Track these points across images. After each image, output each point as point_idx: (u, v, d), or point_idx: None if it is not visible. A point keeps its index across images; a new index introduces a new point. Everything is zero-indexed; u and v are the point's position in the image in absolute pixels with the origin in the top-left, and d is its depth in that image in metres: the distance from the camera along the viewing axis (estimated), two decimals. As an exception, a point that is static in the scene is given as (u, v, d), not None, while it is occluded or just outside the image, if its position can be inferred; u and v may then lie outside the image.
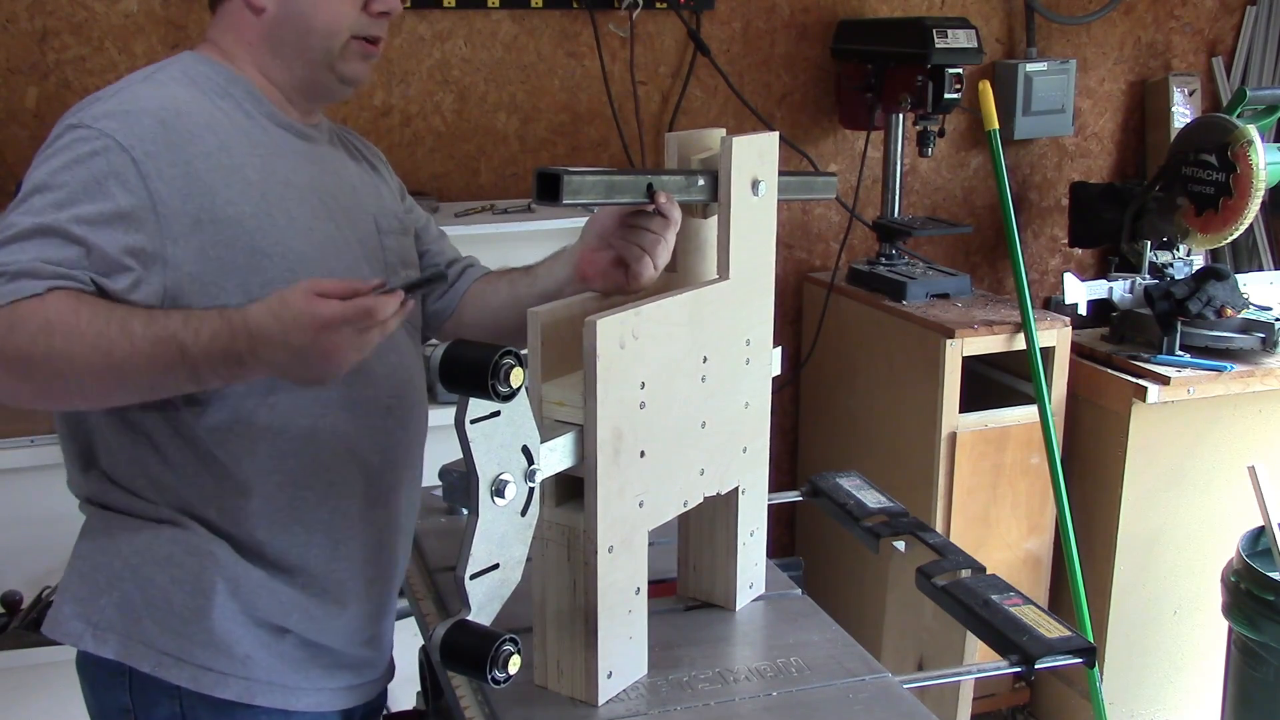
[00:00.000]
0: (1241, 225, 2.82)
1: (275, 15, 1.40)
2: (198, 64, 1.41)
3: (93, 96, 1.35)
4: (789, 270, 3.31)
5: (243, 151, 1.35)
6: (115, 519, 1.37)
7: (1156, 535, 2.90)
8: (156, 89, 1.35)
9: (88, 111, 1.31)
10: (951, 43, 2.85)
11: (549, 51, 2.99)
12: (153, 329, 1.19)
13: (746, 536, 1.53)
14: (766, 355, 1.50)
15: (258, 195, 1.34)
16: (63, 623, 1.36)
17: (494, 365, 1.07)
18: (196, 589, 1.34)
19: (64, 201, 1.23)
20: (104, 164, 1.26)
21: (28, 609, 2.40)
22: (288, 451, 1.37)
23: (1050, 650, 1.40)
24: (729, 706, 1.34)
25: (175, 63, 1.41)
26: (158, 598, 1.34)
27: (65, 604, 1.37)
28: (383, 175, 1.61)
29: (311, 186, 1.42)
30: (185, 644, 1.34)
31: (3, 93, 2.63)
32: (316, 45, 1.41)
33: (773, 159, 1.43)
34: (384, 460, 1.46)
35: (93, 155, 1.26)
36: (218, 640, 1.35)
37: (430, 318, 1.67)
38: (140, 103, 1.32)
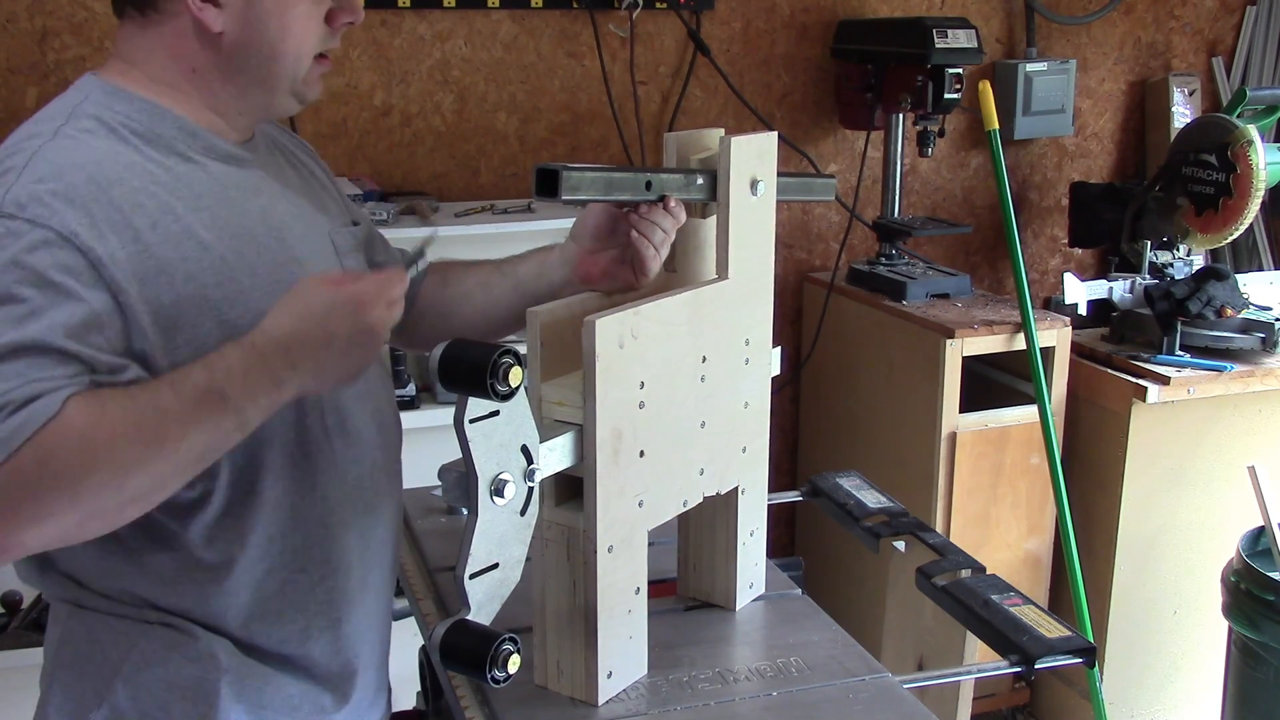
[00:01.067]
0: (1241, 225, 2.83)
1: (236, 41, 1.23)
2: (111, 100, 1.21)
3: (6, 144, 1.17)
4: (789, 270, 3.31)
5: (187, 209, 1.19)
6: (95, 620, 1.25)
7: (1156, 535, 2.90)
8: (72, 150, 1.16)
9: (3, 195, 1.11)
10: (951, 43, 2.85)
11: (549, 51, 2.99)
12: (184, 393, 1.07)
13: (746, 536, 1.53)
14: (766, 355, 1.50)
15: (216, 260, 1.19)
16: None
17: (493, 365, 1.07)
18: (198, 697, 1.24)
19: (33, 312, 1.06)
20: (50, 260, 1.08)
21: (28, 609, 2.40)
22: (276, 535, 1.27)
23: (1050, 650, 1.39)
24: (729, 706, 1.34)
25: (81, 103, 1.21)
26: (154, 709, 1.23)
27: (49, 718, 1.26)
28: (320, 179, 1.47)
29: (265, 225, 1.26)
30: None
31: (3, 93, 2.63)
32: (283, 71, 1.26)
33: (772, 159, 1.43)
34: (369, 497, 1.37)
35: (33, 250, 1.08)
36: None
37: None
38: (62, 176, 1.13)
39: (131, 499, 1.07)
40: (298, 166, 1.44)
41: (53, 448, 1.01)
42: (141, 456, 1.05)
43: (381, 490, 1.38)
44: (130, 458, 1.05)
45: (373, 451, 1.36)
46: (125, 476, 1.05)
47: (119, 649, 1.24)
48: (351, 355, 1.13)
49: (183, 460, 1.08)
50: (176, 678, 1.24)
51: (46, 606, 2.36)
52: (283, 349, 1.10)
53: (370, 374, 1.36)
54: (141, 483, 1.06)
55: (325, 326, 1.11)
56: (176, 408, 1.07)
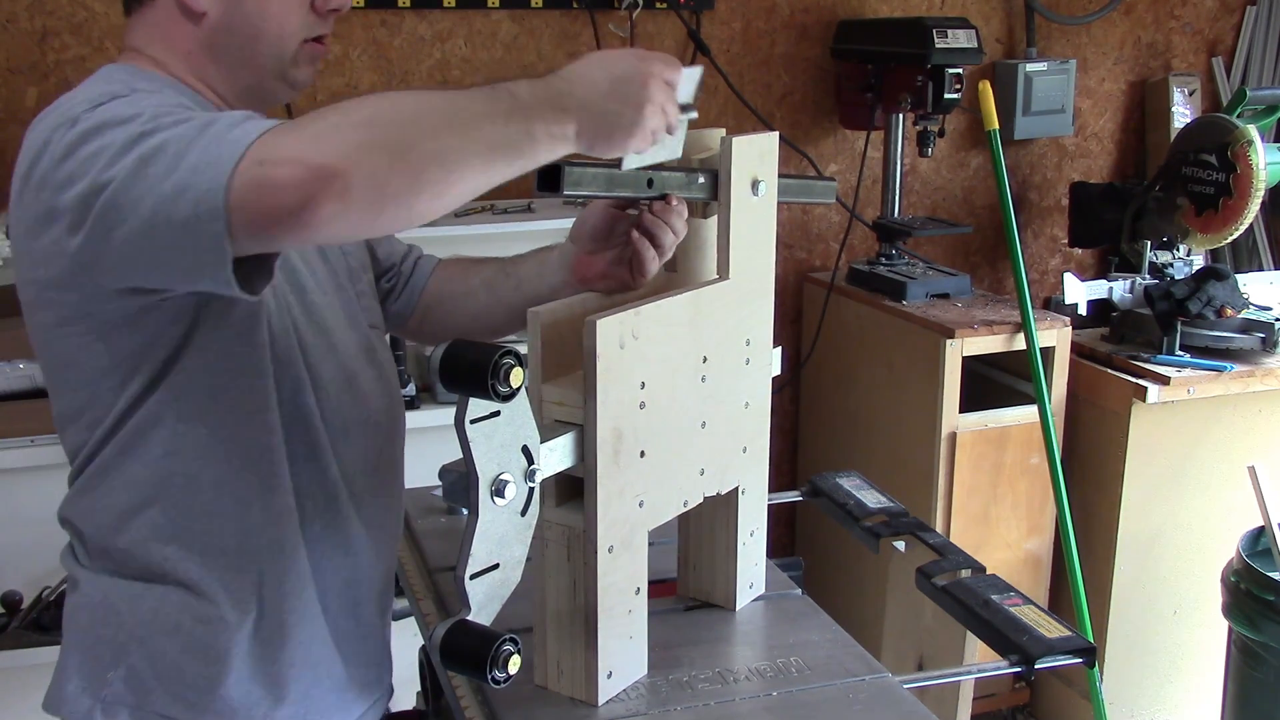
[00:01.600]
0: (1241, 225, 2.83)
1: (217, 22, 1.26)
2: (133, 75, 1.25)
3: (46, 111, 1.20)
4: (789, 270, 3.31)
5: None
6: (111, 584, 1.30)
7: (1156, 535, 2.90)
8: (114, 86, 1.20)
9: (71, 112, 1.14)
10: (951, 43, 2.85)
11: (549, 51, 2.99)
12: (472, 91, 1.10)
13: (746, 536, 1.53)
14: (766, 355, 1.50)
15: None
16: (68, 700, 1.30)
17: (494, 365, 1.07)
18: (210, 657, 1.28)
19: (164, 109, 1.10)
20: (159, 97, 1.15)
21: (28, 609, 2.40)
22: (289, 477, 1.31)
23: (1050, 650, 1.39)
24: (729, 706, 1.34)
25: (108, 75, 1.25)
26: (168, 669, 1.28)
27: (69, 680, 1.30)
28: None
29: None
30: (201, 712, 1.29)
31: (3, 93, 2.63)
32: (266, 52, 1.28)
33: (773, 159, 1.43)
34: (377, 481, 1.42)
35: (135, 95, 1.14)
36: (235, 705, 1.30)
37: (390, 319, 1.60)
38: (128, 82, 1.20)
39: (434, 151, 1.05)
40: None
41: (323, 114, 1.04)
42: (436, 106, 1.07)
43: (384, 444, 1.43)
44: (424, 104, 1.06)
45: (375, 412, 1.40)
46: (424, 120, 1.05)
47: (134, 612, 1.28)
48: (627, 106, 1.15)
49: (474, 142, 1.07)
50: (189, 639, 1.28)
51: (47, 606, 2.38)
52: (566, 79, 1.14)
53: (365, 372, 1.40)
54: (441, 135, 1.05)
55: (606, 67, 1.15)
56: (465, 94, 1.09)
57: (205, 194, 1.01)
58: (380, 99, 1.07)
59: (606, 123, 1.15)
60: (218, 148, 1.02)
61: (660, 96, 1.18)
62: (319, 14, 1.31)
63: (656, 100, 1.18)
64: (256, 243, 1.05)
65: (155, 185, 1.04)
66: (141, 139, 1.06)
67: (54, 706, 1.32)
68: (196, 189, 1.02)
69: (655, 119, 1.18)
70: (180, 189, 1.03)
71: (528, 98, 1.11)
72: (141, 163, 1.05)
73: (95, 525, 1.30)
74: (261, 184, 1.00)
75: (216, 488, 1.27)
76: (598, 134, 1.16)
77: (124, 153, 1.06)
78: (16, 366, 2.36)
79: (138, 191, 1.05)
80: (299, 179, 0.99)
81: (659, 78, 1.18)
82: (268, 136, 1.02)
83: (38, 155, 1.15)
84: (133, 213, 1.05)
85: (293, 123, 1.05)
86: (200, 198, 1.02)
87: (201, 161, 1.02)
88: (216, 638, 1.28)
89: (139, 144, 1.06)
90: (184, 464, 1.26)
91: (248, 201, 1.01)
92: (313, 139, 1.02)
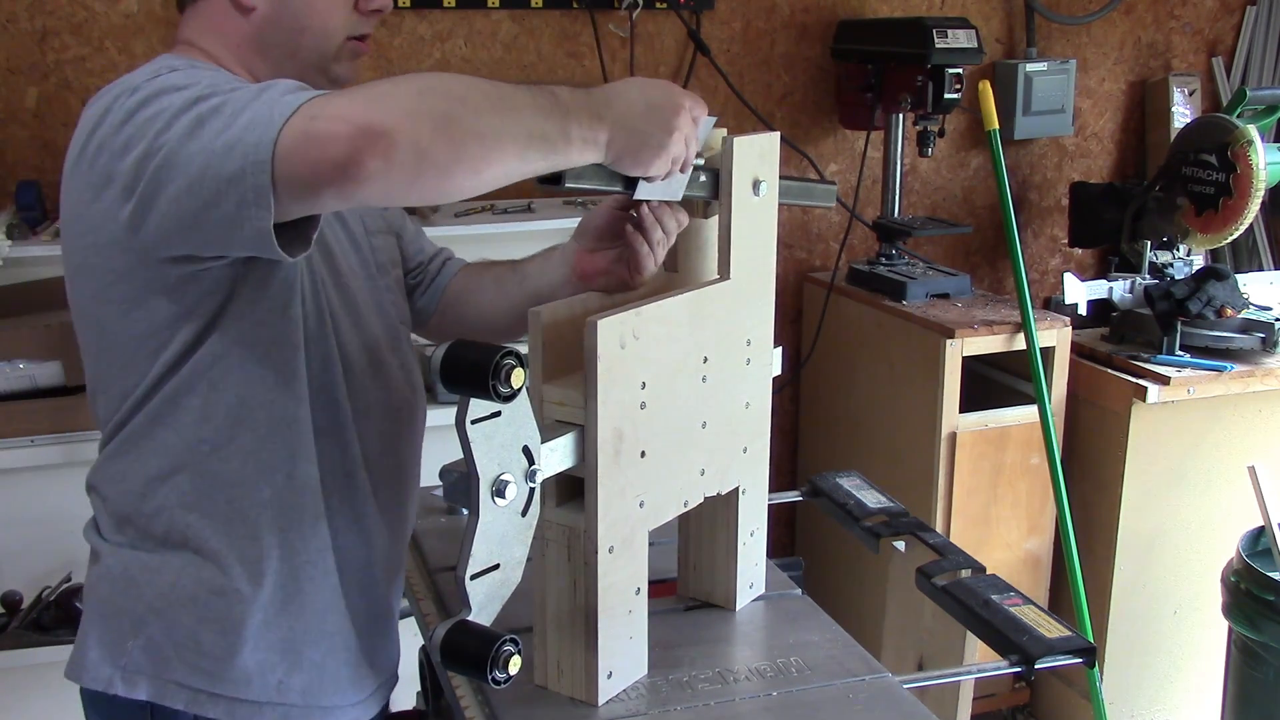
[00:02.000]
0: (1241, 225, 2.83)
1: (265, 15, 1.32)
2: (189, 67, 1.29)
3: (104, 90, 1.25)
4: (789, 270, 3.31)
5: None
6: (131, 556, 1.34)
7: (1156, 535, 2.90)
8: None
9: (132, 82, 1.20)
10: (951, 43, 2.85)
11: (549, 51, 2.99)
12: (518, 86, 1.16)
13: (747, 536, 1.53)
14: (767, 355, 1.50)
15: None
16: (89, 668, 1.33)
17: (495, 366, 1.07)
18: (225, 628, 1.32)
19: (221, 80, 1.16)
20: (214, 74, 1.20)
21: (28, 609, 2.40)
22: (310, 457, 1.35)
23: (1050, 650, 1.40)
24: (729, 706, 1.34)
25: (163, 62, 1.30)
26: (185, 639, 1.32)
27: (90, 649, 1.34)
28: None
29: None
30: (217, 680, 1.32)
31: (3, 93, 2.63)
32: (310, 47, 1.34)
33: (774, 159, 1.43)
34: (393, 463, 1.46)
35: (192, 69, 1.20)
36: (251, 674, 1.33)
37: (414, 317, 1.65)
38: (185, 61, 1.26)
39: (474, 129, 1.10)
40: None
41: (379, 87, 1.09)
42: (481, 89, 1.12)
43: (404, 430, 1.48)
44: (469, 86, 1.11)
45: (395, 399, 1.45)
46: (468, 99, 1.10)
47: (152, 585, 1.32)
48: (654, 129, 1.23)
49: (515, 127, 1.12)
50: (205, 610, 1.31)
51: (47, 606, 2.38)
52: (604, 95, 1.22)
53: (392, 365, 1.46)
54: (483, 114, 1.10)
55: (642, 91, 1.24)
56: (510, 85, 1.15)
57: (254, 147, 1.06)
58: (432, 75, 1.13)
59: (637, 139, 1.23)
60: (270, 108, 1.07)
61: (687, 128, 1.27)
62: (362, 13, 1.36)
63: (683, 130, 1.26)
64: (299, 199, 1.09)
65: (208, 143, 1.09)
66: (198, 102, 1.12)
67: (75, 674, 1.35)
68: (246, 143, 1.07)
69: (679, 146, 1.26)
70: (231, 144, 1.07)
71: (569, 101, 1.18)
72: (197, 123, 1.10)
73: (121, 491, 1.34)
74: (310, 136, 1.05)
75: (244, 456, 1.31)
76: (627, 147, 1.23)
77: (180, 114, 1.11)
78: (16, 366, 2.36)
79: (191, 149, 1.10)
80: (347, 134, 1.04)
81: (689, 112, 1.27)
82: (320, 98, 1.08)
83: (97, 124, 1.20)
84: (183, 171, 1.10)
85: (346, 90, 1.11)
86: (248, 151, 1.06)
87: (255, 119, 1.07)
88: (231, 609, 1.32)
89: (195, 106, 1.11)
90: (213, 431, 1.30)
91: (294, 153, 1.05)
92: (365, 101, 1.07)
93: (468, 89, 1.11)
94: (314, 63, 1.35)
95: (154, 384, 1.29)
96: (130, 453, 1.33)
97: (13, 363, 2.36)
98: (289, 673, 1.36)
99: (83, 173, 1.21)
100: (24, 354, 2.37)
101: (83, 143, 1.22)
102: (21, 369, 2.37)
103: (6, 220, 2.44)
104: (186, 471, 1.31)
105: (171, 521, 1.32)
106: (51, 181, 2.65)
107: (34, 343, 2.36)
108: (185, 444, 1.30)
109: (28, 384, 2.37)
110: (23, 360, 2.37)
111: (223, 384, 1.29)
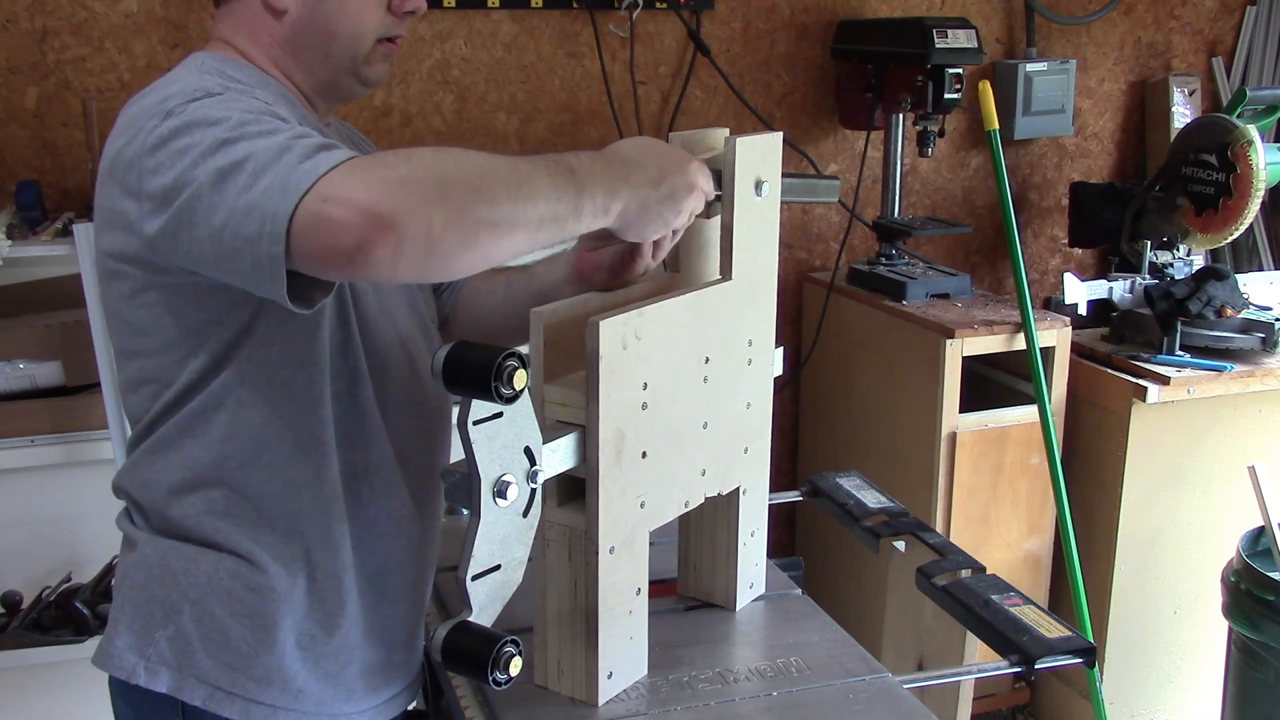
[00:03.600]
0: (1241, 225, 2.83)
1: (298, 18, 1.33)
2: (224, 66, 1.31)
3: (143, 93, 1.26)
4: (789, 270, 3.31)
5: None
6: (169, 547, 1.34)
7: (1156, 535, 2.90)
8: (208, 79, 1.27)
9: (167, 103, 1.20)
10: (951, 43, 2.85)
11: (549, 51, 2.99)
12: (535, 161, 1.17)
13: (747, 537, 1.53)
14: (768, 356, 1.50)
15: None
16: (115, 656, 1.33)
17: (497, 367, 1.07)
18: (257, 623, 1.32)
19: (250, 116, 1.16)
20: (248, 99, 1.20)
21: (28, 609, 2.40)
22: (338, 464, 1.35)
23: (1050, 650, 1.40)
24: (729, 706, 1.34)
25: (201, 63, 1.32)
26: (214, 631, 1.32)
27: (119, 636, 1.34)
28: None
29: None
30: (239, 677, 1.32)
31: (3, 93, 2.63)
32: (342, 50, 1.34)
33: (776, 160, 1.43)
34: (428, 460, 1.46)
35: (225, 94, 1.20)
36: (274, 675, 1.33)
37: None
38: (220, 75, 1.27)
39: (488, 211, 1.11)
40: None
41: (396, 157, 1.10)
42: (497, 170, 1.13)
43: (440, 427, 1.49)
44: (486, 166, 1.13)
45: (433, 396, 1.46)
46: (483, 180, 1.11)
47: (189, 574, 1.33)
48: (669, 202, 1.28)
49: (527, 214, 1.14)
50: (239, 605, 1.32)
51: (47, 606, 2.38)
52: (623, 162, 1.26)
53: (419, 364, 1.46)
54: (498, 196, 1.11)
55: (660, 163, 1.28)
56: (528, 164, 1.16)
57: (271, 217, 1.08)
58: (448, 156, 1.12)
59: (646, 215, 1.27)
60: (289, 176, 1.09)
61: (693, 205, 1.32)
62: (395, 14, 1.36)
63: (689, 208, 1.31)
64: (310, 270, 1.12)
65: (231, 199, 1.11)
66: (226, 146, 1.13)
67: (102, 661, 1.36)
68: (264, 210, 1.09)
69: (682, 219, 1.32)
70: (251, 206, 1.09)
71: (586, 174, 1.20)
72: (221, 176, 1.12)
73: (149, 498, 1.35)
74: (321, 221, 1.07)
75: (269, 472, 1.32)
76: (635, 221, 1.27)
77: (209, 155, 1.13)
78: (16, 366, 2.36)
79: (215, 200, 1.12)
80: (357, 223, 1.05)
81: (700, 192, 1.32)
82: (335, 175, 1.08)
83: (131, 138, 1.21)
84: (206, 220, 1.13)
85: (361, 163, 1.10)
86: (266, 219, 1.09)
87: (274, 185, 1.09)
88: (265, 605, 1.33)
89: (223, 150, 1.13)
90: (240, 448, 1.31)
91: (307, 234, 1.07)
92: (377, 185, 1.07)
93: (484, 175, 1.12)
94: (346, 66, 1.36)
95: (182, 393, 1.30)
96: (157, 462, 1.34)
97: (13, 363, 2.36)
98: (312, 677, 1.36)
99: (116, 181, 1.23)
100: (24, 354, 2.37)
101: (116, 152, 1.24)
102: (21, 369, 2.37)
103: (6, 220, 2.44)
104: (213, 485, 1.32)
105: (202, 526, 1.33)
106: (51, 181, 2.66)
107: (34, 343, 2.37)
108: (212, 459, 1.31)
109: (28, 384, 2.37)
110: (23, 360, 2.37)
111: (250, 402, 1.30)
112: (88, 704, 1.70)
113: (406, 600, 1.45)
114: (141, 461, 1.35)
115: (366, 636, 1.40)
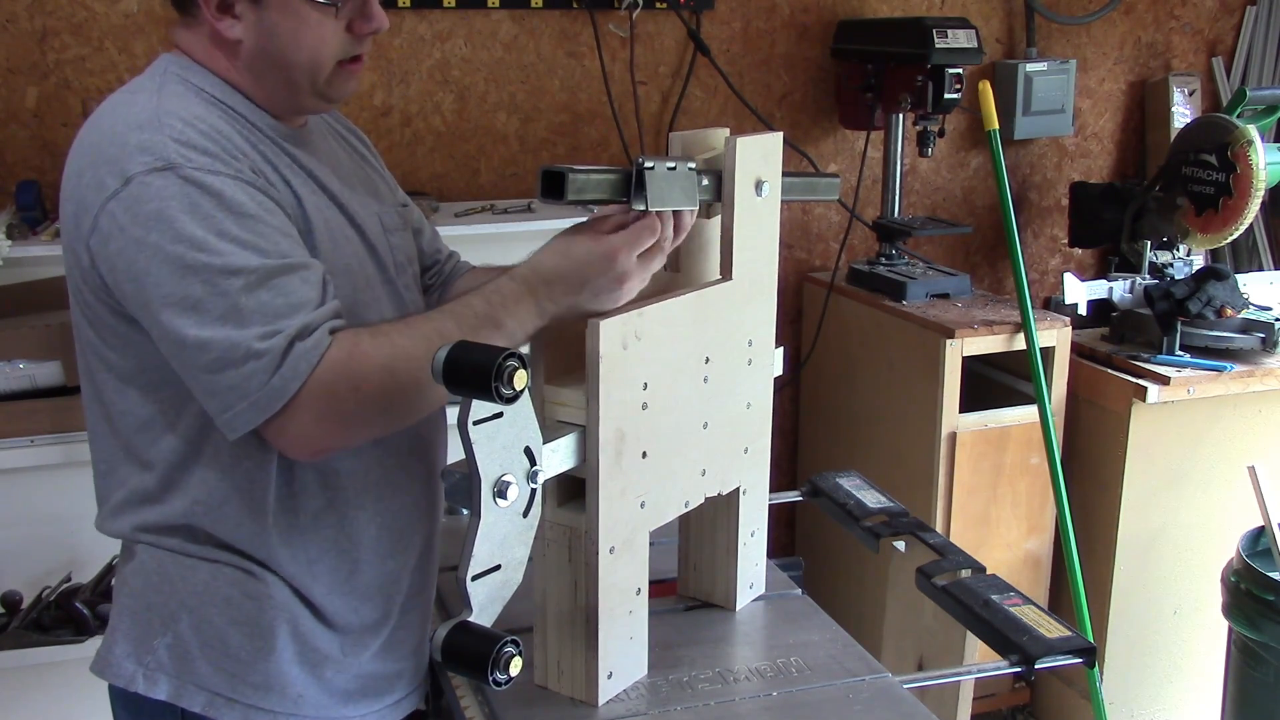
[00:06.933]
0: (1241, 225, 2.83)
1: (252, 48, 1.29)
2: (188, 72, 1.30)
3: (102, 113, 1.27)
4: (789, 270, 3.31)
5: (269, 175, 1.29)
6: (167, 556, 1.34)
7: (1156, 535, 2.90)
8: (177, 103, 1.26)
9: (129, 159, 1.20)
10: (951, 43, 2.85)
11: (549, 51, 2.99)
12: (465, 321, 1.24)
13: (747, 537, 1.53)
14: (768, 356, 1.50)
15: (300, 217, 1.30)
16: (114, 663, 1.34)
17: (498, 368, 1.07)
18: (255, 631, 1.32)
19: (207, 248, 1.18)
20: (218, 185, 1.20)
21: (28, 609, 2.40)
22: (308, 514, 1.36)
23: (1050, 650, 1.40)
24: (729, 706, 1.34)
25: (167, 71, 1.30)
26: (213, 638, 1.32)
27: (117, 644, 1.34)
28: (374, 165, 1.55)
29: (322, 204, 1.35)
30: (237, 684, 1.32)
31: (3, 93, 2.63)
32: (301, 76, 1.31)
33: (776, 160, 1.43)
34: (426, 467, 1.45)
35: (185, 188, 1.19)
36: (272, 681, 1.33)
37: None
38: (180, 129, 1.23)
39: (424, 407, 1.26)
40: (351, 151, 1.51)
41: (354, 369, 1.19)
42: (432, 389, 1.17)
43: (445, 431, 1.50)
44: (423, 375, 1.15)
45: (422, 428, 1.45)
46: (420, 390, 1.21)
47: (187, 581, 1.33)
48: (600, 297, 1.28)
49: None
50: (237, 612, 1.32)
51: (47, 606, 2.38)
52: (546, 284, 1.27)
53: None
54: (429, 396, 1.23)
55: (582, 272, 1.27)
56: (458, 333, 1.20)
57: (235, 416, 1.20)
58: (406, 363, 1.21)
59: (583, 311, 1.28)
60: (246, 385, 1.18)
61: (638, 273, 1.29)
62: (356, 35, 1.33)
63: (633, 279, 1.29)
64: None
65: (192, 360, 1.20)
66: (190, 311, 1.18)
67: (101, 668, 1.36)
68: (227, 403, 1.20)
69: (633, 284, 1.30)
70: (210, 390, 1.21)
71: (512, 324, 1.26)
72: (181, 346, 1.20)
73: (132, 534, 1.36)
74: (275, 436, 1.22)
75: (237, 519, 1.32)
76: (575, 317, 1.28)
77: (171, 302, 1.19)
78: (16, 366, 2.36)
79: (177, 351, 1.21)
80: (308, 454, 1.25)
81: (630, 271, 1.28)
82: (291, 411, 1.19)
83: (89, 181, 1.22)
84: (167, 348, 1.22)
85: (319, 387, 1.18)
86: (223, 408, 1.21)
87: (238, 392, 1.19)
88: (264, 612, 1.33)
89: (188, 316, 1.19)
90: (206, 510, 1.33)
91: (264, 430, 1.21)
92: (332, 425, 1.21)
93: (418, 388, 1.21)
94: (306, 88, 1.33)
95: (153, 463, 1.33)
96: (129, 514, 1.35)
97: (13, 363, 2.36)
98: (310, 685, 1.35)
99: (69, 212, 1.26)
100: (24, 354, 2.37)
101: (71, 189, 1.25)
102: (21, 369, 2.37)
103: (6, 220, 2.44)
104: (191, 526, 1.33)
105: (193, 547, 1.33)
106: (51, 181, 2.66)
107: (34, 343, 2.36)
108: (184, 510, 1.33)
109: (28, 384, 2.37)
110: (23, 360, 2.37)
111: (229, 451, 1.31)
112: (87, 704, 1.70)
113: (414, 609, 1.44)
114: (114, 515, 1.37)
115: (369, 644, 1.40)
